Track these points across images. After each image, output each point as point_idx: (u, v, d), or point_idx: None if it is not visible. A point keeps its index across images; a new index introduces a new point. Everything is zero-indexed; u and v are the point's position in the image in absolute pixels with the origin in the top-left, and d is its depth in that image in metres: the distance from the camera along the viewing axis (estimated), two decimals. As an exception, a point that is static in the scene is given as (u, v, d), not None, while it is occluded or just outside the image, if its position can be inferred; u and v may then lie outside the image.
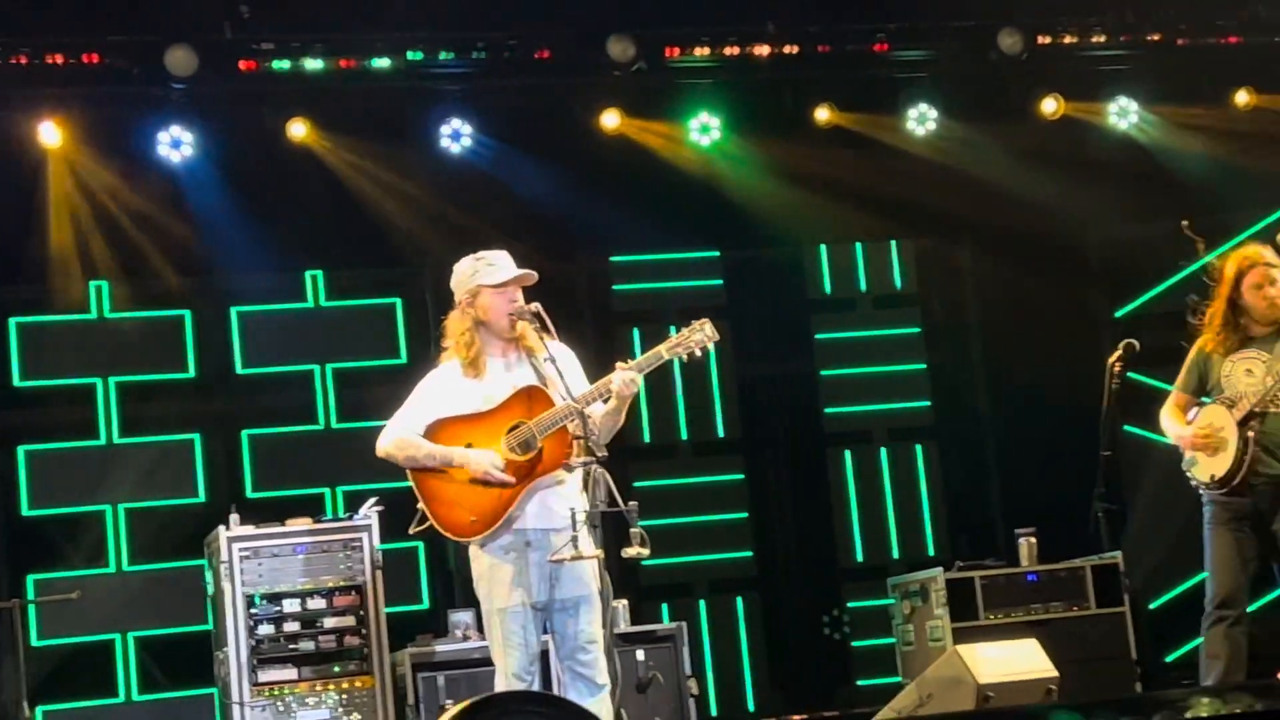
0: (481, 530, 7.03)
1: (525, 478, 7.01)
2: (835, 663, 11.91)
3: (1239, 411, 7.94)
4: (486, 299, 7.14)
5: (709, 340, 7.08)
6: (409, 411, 7.21)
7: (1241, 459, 7.91)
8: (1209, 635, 8.02)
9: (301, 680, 8.75)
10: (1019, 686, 7.71)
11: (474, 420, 7.08)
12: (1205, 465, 8.04)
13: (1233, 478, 7.94)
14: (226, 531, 8.83)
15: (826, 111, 11.72)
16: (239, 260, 10.93)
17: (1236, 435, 7.92)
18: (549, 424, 6.96)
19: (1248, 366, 8.08)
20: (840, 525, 12.17)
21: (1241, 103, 12.06)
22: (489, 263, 7.15)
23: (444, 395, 7.16)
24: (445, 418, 7.11)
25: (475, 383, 7.14)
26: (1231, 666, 7.95)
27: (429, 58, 11.04)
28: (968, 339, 12.47)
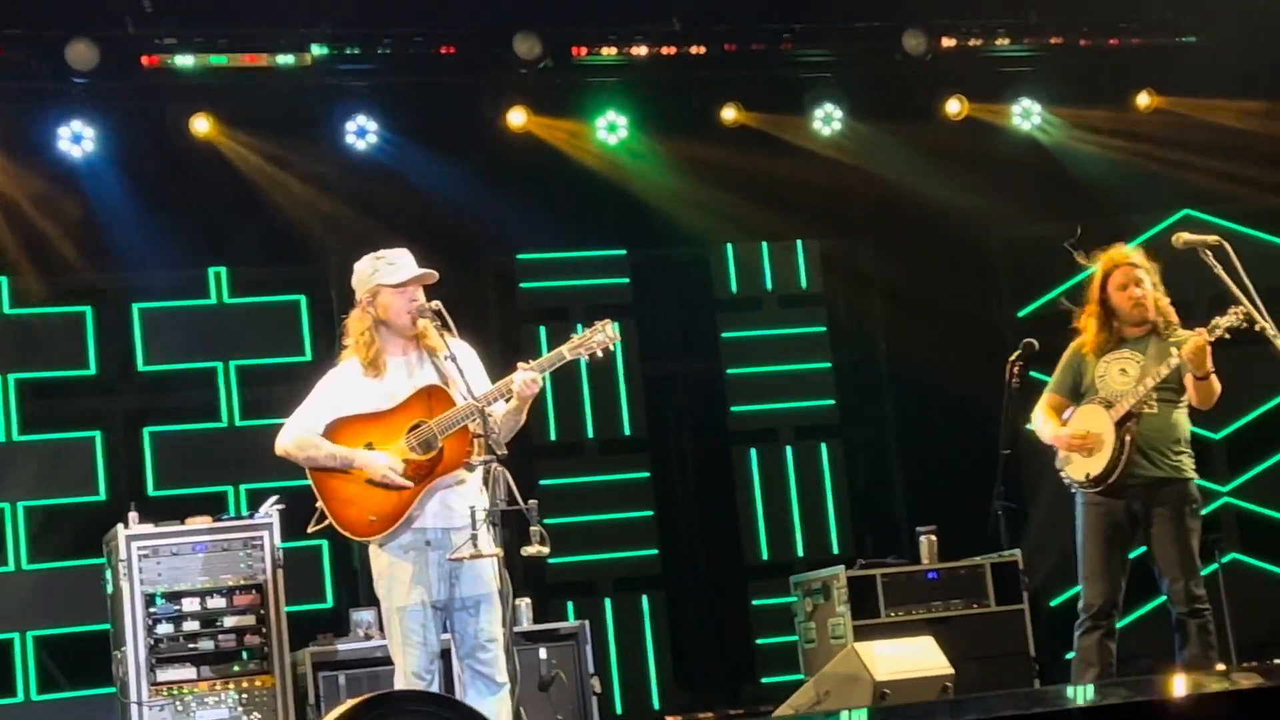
0: (381, 530, 7.01)
1: (425, 477, 7.00)
2: (739, 660, 11.93)
3: (1117, 412, 8.03)
4: (386, 298, 7.12)
5: (610, 341, 7.09)
6: (309, 410, 7.18)
7: (1118, 459, 8.00)
8: (1084, 643, 8.11)
9: (201, 680, 8.68)
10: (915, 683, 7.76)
11: (374, 419, 7.06)
12: (1080, 464, 8.13)
13: (1108, 476, 8.03)
14: (125, 530, 8.75)
15: (733, 111, 11.75)
16: (142, 257, 10.85)
17: (1114, 435, 8.01)
18: (450, 424, 6.96)
19: (1122, 366, 8.18)
20: (745, 523, 12.20)
21: (1143, 104, 12.19)
22: (389, 261, 7.13)
23: (344, 394, 7.14)
24: (345, 416, 7.09)
25: (375, 381, 7.12)
26: (1104, 675, 8.07)
27: (334, 53, 11.00)
28: (872, 338, 12.54)
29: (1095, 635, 8.10)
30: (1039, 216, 12.02)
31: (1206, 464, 12.10)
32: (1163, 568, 8.09)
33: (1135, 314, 8.20)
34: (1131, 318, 8.21)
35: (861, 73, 11.93)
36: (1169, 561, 8.05)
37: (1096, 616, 8.10)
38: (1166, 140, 12.00)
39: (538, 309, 11.98)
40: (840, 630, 9.78)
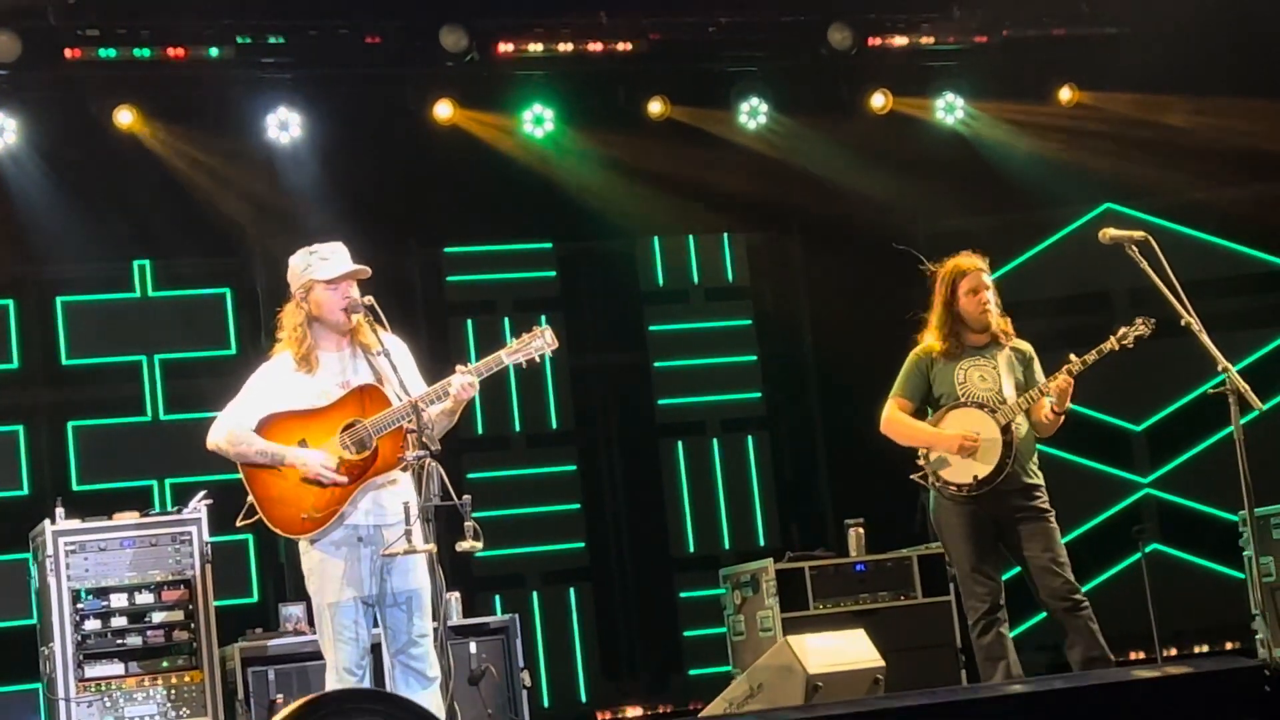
0: (313, 529, 6.97)
1: (359, 476, 6.97)
2: (667, 652, 11.96)
3: (1002, 417, 8.10)
4: (319, 293, 7.07)
5: (548, 347, 7.12)
6: (241, 405, 7.13)
7: (1005, 461, 8.07)
8: (984, 641, 8.13)
9: (129, 675, 8.64)
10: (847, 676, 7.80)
11: (307, 416, 7.02)
12: (964, 467, 8.14)
13: (994, 480, 8.08)
14: (52, 525, 8.68)
15: (659, 105, 11.77)
16: (65, 250, 10.79)
17: (1001, 440, 8.09)
18: (384, 424, 6.93)
19: (980, 373, 8.25)
20: (672, 516, 12.23)
21: (1065, 99, 12.27)
22: (321, 257, 7.09)
23: (277, 389, 7.09)
24: (278, 413, 7.04)
25: (308, 377, 7.07)
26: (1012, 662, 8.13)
27: (258, 45, 10.93)
28: (799, 331, 12.59)
29: (992, 631, 8.14)
30: (964, 210, 12.11)
31: (1128, 456, 12.28)
32: (1036, 569, 8.13)
33: (982, 320, 8.26)
34: (980, 323, 8.27)
35: (787, 67, 11.97)
36: (1043, 561, 8.10)
37: (989, 614, 8.16)
38: (1089, 135, 12.10)
39: (465, 302, 11.97)
40: (769, 623, 9.82)
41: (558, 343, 7.16)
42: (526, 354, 7.12)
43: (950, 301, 8.33)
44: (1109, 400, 11.72)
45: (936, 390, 8.34)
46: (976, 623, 8.18)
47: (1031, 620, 9.89)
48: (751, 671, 7.87)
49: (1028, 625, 9.97)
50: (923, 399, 8.41)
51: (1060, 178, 12.14)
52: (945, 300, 8.34)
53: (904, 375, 8.44)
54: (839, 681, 7.71)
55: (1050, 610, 8.14)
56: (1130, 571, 11.75)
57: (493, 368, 7.11)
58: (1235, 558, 10.62)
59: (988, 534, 8.18)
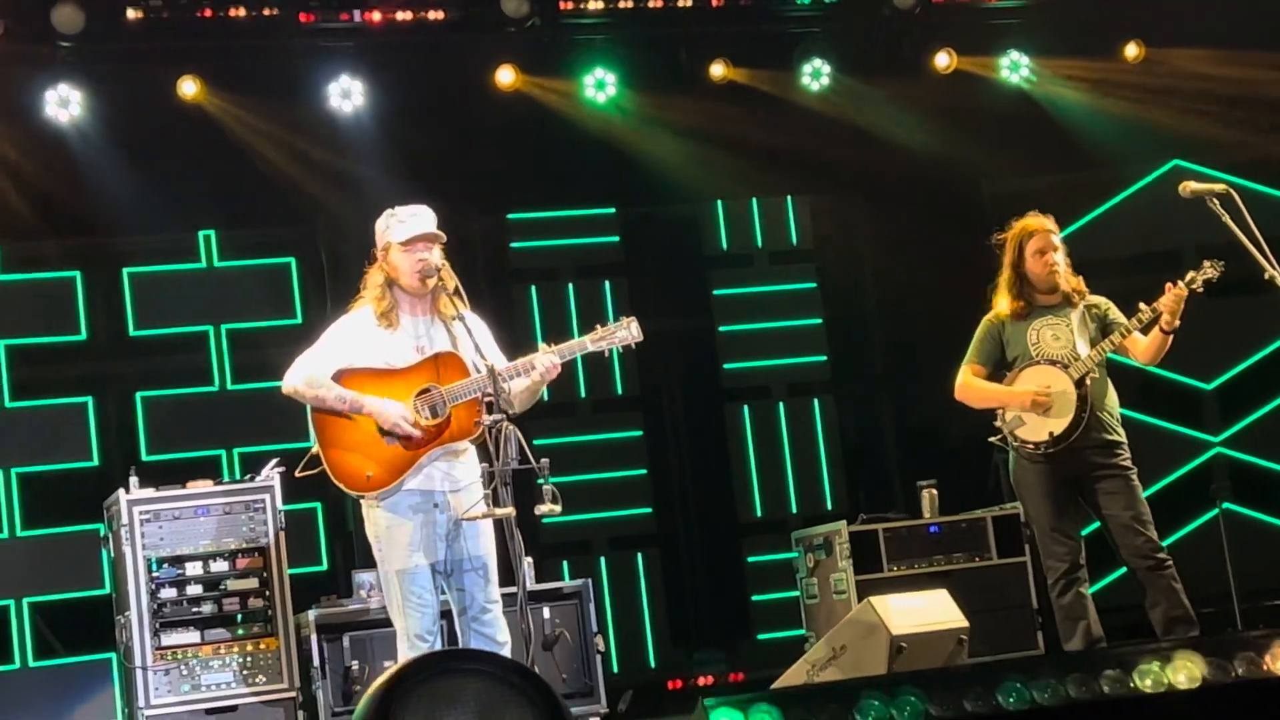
0: (377, 487, 7.00)
1: (427, 443, 6.98)
2: (735, 617, 11.93)
3: (1076, 371, 8.07)
4: (395, 256, 7.12)
5: (633, 339, 7.19)
6: (320, 352, 7.14)
7: (1081, 416, 8.04)
8: (1064, 601, 8.16)
9: (205, 643, 8.69)
10: (931, 637, 7.76)
11: (383, 376, 7.04)
12: (1039, 424, 8.13)
13: (1070, 435, 8.06)
14: (127, 495, 8.71)
15: (721, 67, 11.70)
16: (131, 221, 10.78)
17: (1075, 395, 8.04)
18: (460, 394, 6.95)
19: (1053, 332, 8.23)
20: (739, 480, 12.19)
21: (1131, 55, 12.14)
22: (399, 219, 7.14)
23: (355, 344, 7.11)
24: (355, 368, 7.06)
25: (387, 334, 7.10)
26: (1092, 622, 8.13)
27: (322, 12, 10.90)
28: (864, 293, 12.53)
29: (1072, 590, 8.16)
30: (1029, 169, 12.01)
31: (1198, 414, 12.18)
32: (1117, 527, 8.10)
33: (1050, 280, 8.27)
34: (1047, 284, 8.29)
35: (850, 27, 11.88)
36: (1124, 520, 8.07)
37: (1068, 573, 8.15)
38: (1156, 91, 11.97)
39: (529, 268, 11.94)
40: (843, 585, 9.80)
41: (642, 336, 7.15)
42: (610, 343, 7.17)
43: (1018, 263, 8.34)
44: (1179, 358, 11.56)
45: (1010, 352, 8.33)
46: (1056, 582, 8.16)
47: (1109, 578, 9.83)
48: (833, 633, 7.84)
49: (1106, 583, 9.90)
50: (996, 363, 8.39)
51: (1127, 135, 12.02)
52: (1013, 262, 8.36)
53: (976, 340, 8.44)
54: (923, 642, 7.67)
55: (1133, 569, 8.11)
56: (1201, 531, 11.68)
57: (576, 352, 7.20)
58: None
59: (1066, 492, 8.15)
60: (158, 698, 8.57)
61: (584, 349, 7.19)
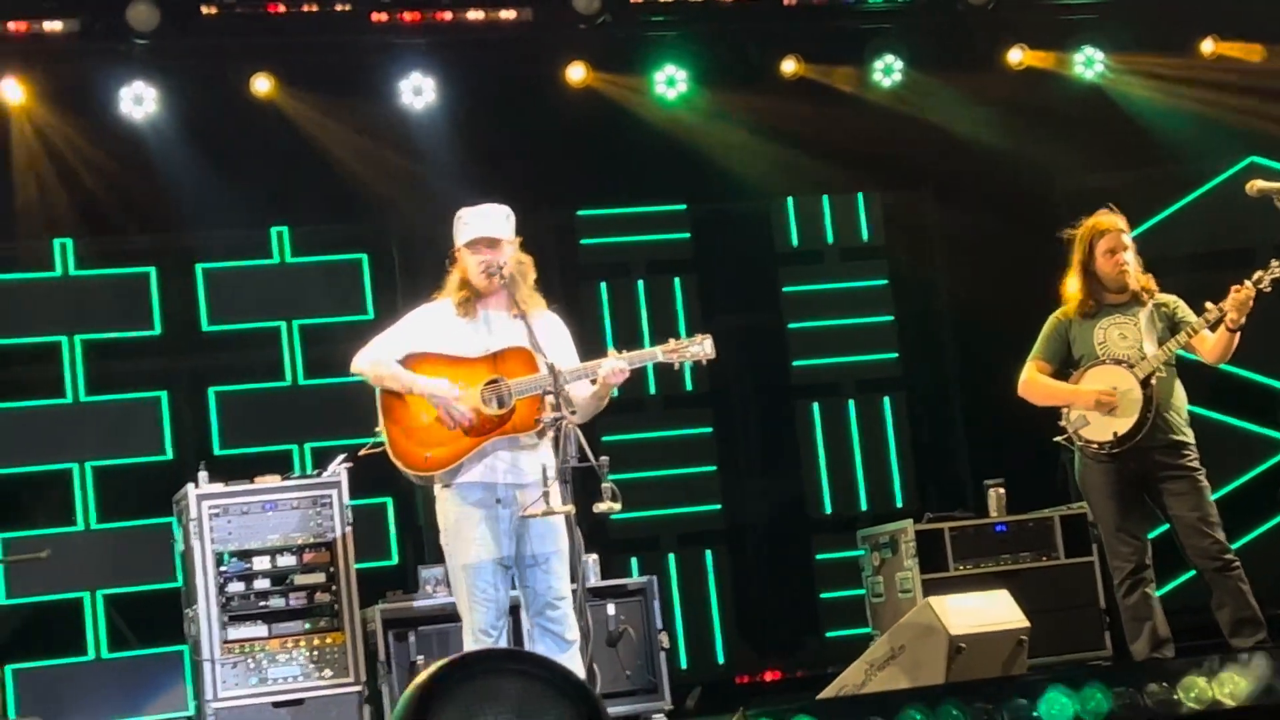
0: (435, 467, 7.05)
1: (489, 431, 7.02)
2: (804, 614, 11.91)
3: (1141, 371, 8.02)
4: (462, 257, 7.21)
5: (705, 356, 7.15)
6: (392, 335, 7.26)
7: (1147, 416, 7.99)
8: (1130, 601, 8.13)
9: (272, 637, 8.76)
10: (991, 637, 7.73)
11: (454, 363, 7.11)
12: (1104, 424, 8.10)
13: (1135, 435, 8.01)
14: (196, 489, 8.80)
15: (792, 63, 11.67)
16: (204, 217, 10.87)
17: (1141, 394, 7.98)
18: (527, 388, 6.98)
19: (1120, 331, 8.17)
20: (808, 478, 12.17)
21: (1207, 51, 12.03)
22: (465, 221, 7.23)
23: (430, 330, 7.20)
24: (427, 352, 7.15)
25: (464, 324, 7.17)
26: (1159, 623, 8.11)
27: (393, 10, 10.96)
28: (934, 290, 12.47)
29: (1138, 591, 8.14)
30: (1102, 166, 11.93)
31: (1273, 414, 12.05)
32: (1184, 528, 8.06)
33: (1120, 280, 8.22)
34: (1116, 283, 8.24)
35: (922, 22, 11.82)
36: (1191, 520, 8.03)
37: (1134, 574, 8.11)
38: (1231, 87, 11.85)
39: (599, 264, 11.97)
40: (908, 584, 9.77)
41: (715, 355, 7.14)
42: (681, 356, 7.16)
43: (1087, 261, 8.30)
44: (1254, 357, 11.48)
45: (1077, 351, 8.29)
46: (1122, 583, 8.12)
47: (1178, 580, 9.76)
48: (893, 633, 7.82)
49: (1174, 585, 9.83)
50: (1062, 361, 8.36)
51: (1202, 131, 11.90)
52: (1083, 260, 8.32)
53: (1042, 338, 8.41)
54: (982, 643, 7.64)
55: (1200, 570, 8.06)
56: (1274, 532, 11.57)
57: (645, 360, 7.20)
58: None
59: (1133, 493, 8.10)
60: (225, 690, 8.65)
61: (654, 359, 7.20)
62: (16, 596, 10.46)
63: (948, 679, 7.56)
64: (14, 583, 10.44)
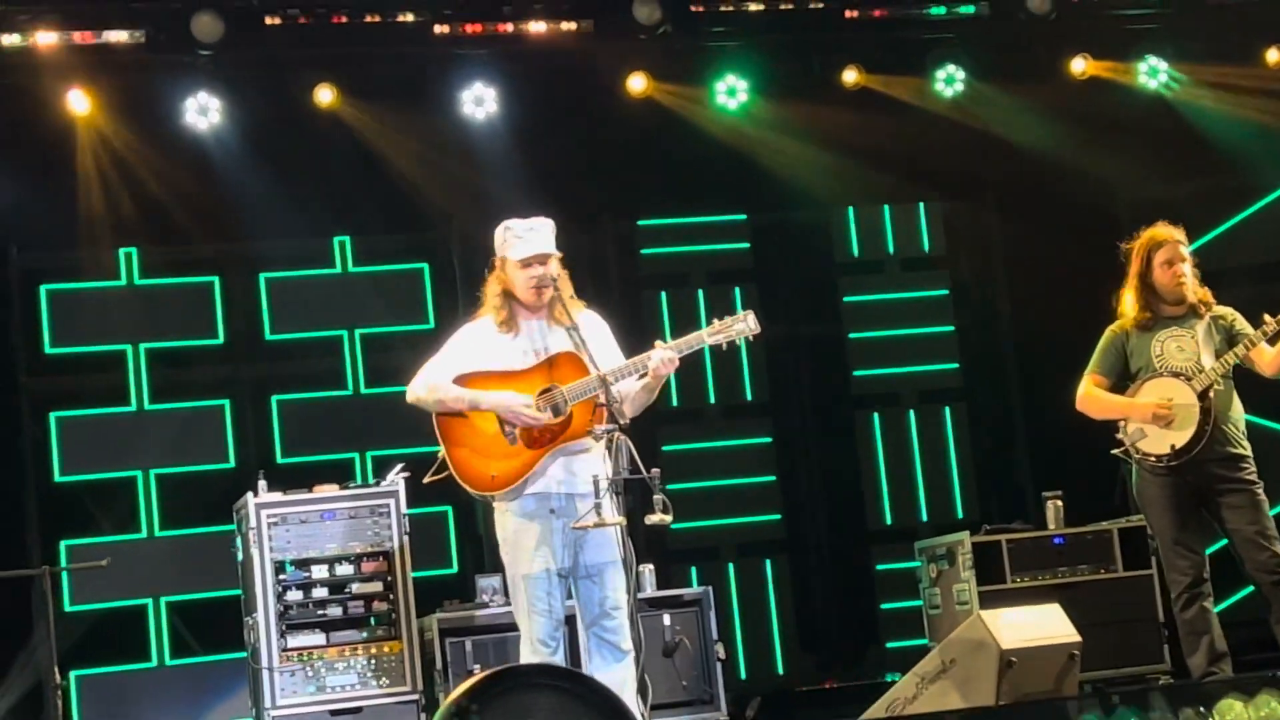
0: (501, 486, 7.06)
1: (550, 441, 7.05)
2: (863, 626, 11.90)
3: (1199, 384, 7.98)
4: (510, 270, 7.19)
5: (751, 331, 7.18)
6: (442, 359, 7.26)
7: (1204, 429, 7.96)
8: (1187, 615, 8.09)
9: (330, 645, 8.79)
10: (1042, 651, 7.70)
11: (505, 377, 7.12)
12: (1161, 437, 8.06)
13: (1193, 448, 7.99)
14: (254, 498, 8.87)
15: (854, 73, 11.65)
16: (267, 227, 10.96)
17: (1198, 407, 7.95)
18: (580, 392, 7.00)
19: (1178, 344, 8.13)
20: (868, 488, 12.16)
21: (1273, 61, 11.93)
22: (516, 234, 7.17)
23: (477, 349, 7.20)
24: (478, 371, 7.15)
25: (508, 340, 7.19)
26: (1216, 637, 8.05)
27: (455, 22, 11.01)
28: (996, 301, 12.44)
29: (1196, 605, 8.09)
30: (1165, 177, 11.86)
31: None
32: (1241, 542, 8.01)
33: (1177, 292, 8.18)
34: (1173, 295, 8.21)
35: (984, 32, 11.78)
36: (1248, 534, 7.98)
37: (1192, 587, 8.06)
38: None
39: (659, 274, 12.00)
40: (965, 596, 9.74)
41: (760, 329, 7.16)
42: (727, 336, 7.17)
43: (1145, 273, 8.27)
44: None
45: (1134, 363, 8.25)
46: (1179, 596, 8.08)
47: (1238, 595, 9.69)
48: (944, 646, 7.81)
49: (1234, 600, 9.76)
50: (1119, 374, 8.32)
51: (1266, 142, 11.81)
52: (1140, 272, 8.28)
53: (1099, 351, 8.38)
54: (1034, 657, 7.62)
55: (1257, 584, 8.02)
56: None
57: (693, 346, 7.17)
58: None
59: (1190, 506, 8.06)
60: (284, 698, 8.70)
61: (701, 342, 7.19)
62: (81, 603, 10.57)
63: (999, 693, 7.54)
64: (78, 590, 10.55)
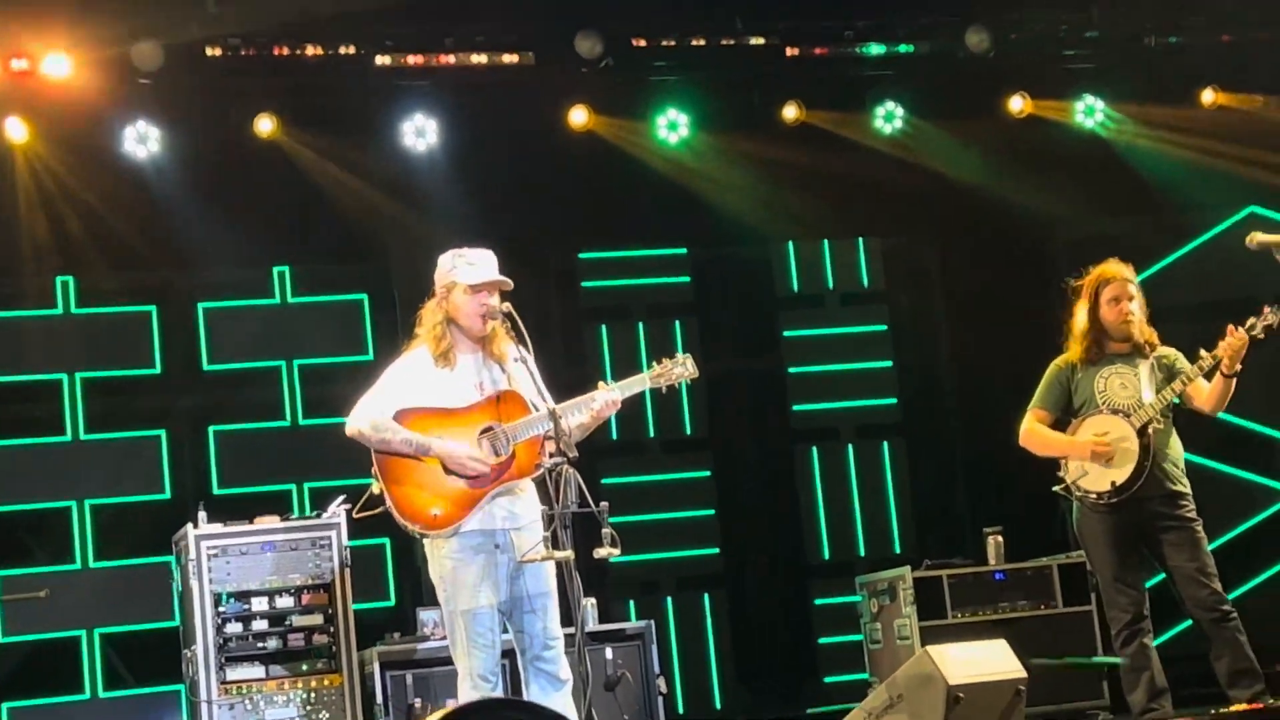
0: (444, 525, 7.01)
1: (493, 481, 7.01)
2: (801, 659, 11.89)
3: (1138, 420, 8.01)
4: (458, 297, 7.13)
5: (690, 375, 7.24)
6: (381, 394, 7.16)
7: (1144, 464, 7.98)
8: (1128, 651, 8.11)
9: (269, 679, 8.72)
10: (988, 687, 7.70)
11: (445, 415, 7.06)
12: (1102, 475, 8.09)
13: (1132, 486, 8.01)
14: (195, 530, 8.79)
15: (794, 109, 11.71)
16: (206, 256, 10.90)
17: (1138, 444, 7.98)
18: (523, 430, 6.97)
19: (1122, 380, 8.16)
20: (807, 522, 12.17)
21: (1207, 101, 12.08)
22: (468, 261, 7.15)
23: (415, 384, 7.13)
24: (417, 407, 7.07)
25: (446, 374, 7.13)
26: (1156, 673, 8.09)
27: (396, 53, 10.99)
28: (935, 336, 12.49)
29: (1136, 641, 8.12)
30: (1103, 215, 11.96)
31: (1270, 463, 12.05)
32: (1181, 579, 8.04)
33: (1123, 329, 8.22)
34: (1120, 333, 8.24)
35: (923, 70, 11.86)
36: (1188, 571, 8.01)
37: (1132, 624, 8.09)
38: (1231, 137, 11.89)
39: (600, 308, 11.99)
40: (906, 631, 9.76)
41: (699, 373, 7.20)
42: (668, 380, 7.22)
43: (1093, 309, 8.29)
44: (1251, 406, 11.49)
45: (1077, 400, 8.29)
46: (1120, 633, 8.11)
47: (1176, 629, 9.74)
48: (891, 681, 7.79)
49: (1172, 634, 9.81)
50: (1063, 409, 8.35)
51: (1203, 181, 11.93)
52: (1088, 308, 8.29)
53: (1043, 386, 8.41)
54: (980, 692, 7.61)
55: (1197, 620, 8.05)
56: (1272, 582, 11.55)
57: (635, 389, 7.22)
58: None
59: (1131, 543, 8.10)
60: (222, 731, 8.64)
61: (642, 386, 7.25)
62: (14, 634, 10.44)
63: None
64: (12, 621, 10.42)
